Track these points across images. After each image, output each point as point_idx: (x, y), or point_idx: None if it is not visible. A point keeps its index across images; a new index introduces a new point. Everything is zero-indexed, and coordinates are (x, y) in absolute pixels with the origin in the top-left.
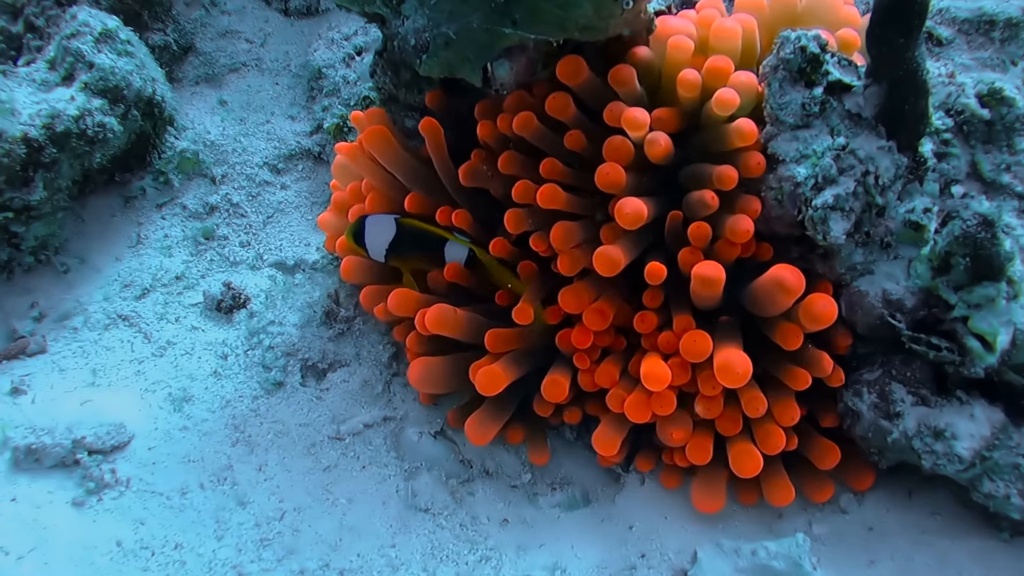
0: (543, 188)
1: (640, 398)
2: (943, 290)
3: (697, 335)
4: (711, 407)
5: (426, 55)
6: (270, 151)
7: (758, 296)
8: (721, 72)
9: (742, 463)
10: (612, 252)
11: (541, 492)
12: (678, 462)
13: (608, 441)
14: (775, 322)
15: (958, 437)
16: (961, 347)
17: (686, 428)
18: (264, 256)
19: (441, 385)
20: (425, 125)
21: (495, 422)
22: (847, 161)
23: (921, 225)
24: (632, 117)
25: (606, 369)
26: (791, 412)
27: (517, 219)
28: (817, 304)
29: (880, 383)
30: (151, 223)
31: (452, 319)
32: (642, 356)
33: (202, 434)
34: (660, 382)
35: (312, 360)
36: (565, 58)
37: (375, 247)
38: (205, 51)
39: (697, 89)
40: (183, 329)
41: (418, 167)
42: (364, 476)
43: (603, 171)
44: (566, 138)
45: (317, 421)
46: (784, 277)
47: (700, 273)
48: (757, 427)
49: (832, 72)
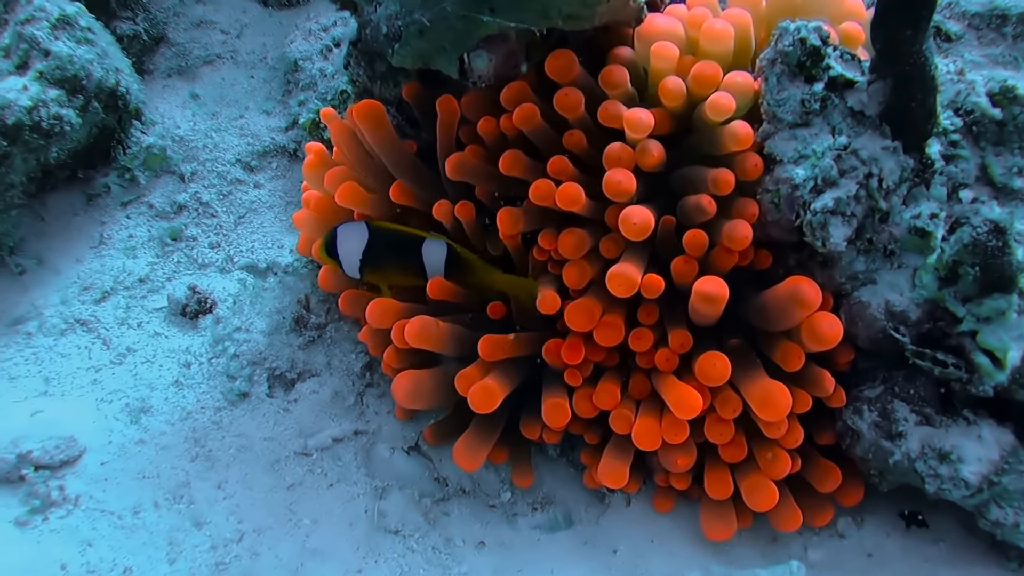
0: (564, 188)
1: (650, 425)
2: (950, 302)
3: (715, 357)
4: (724, 432)
5: (398, 44)
6: (243, 147)
7: (769, 309)
8: (708, 80)
9: (758, 497)
10: (628, 271)
11: (521, 512)
12: (674, 484)
13: (618, 472)
14: (775, 340)
15: (964, 460)
16: (969, 363)
17: (691, 454)
18: (235, 258)
19: (429, 400)
20: (443, 102)
21: (484, 444)
22: (849, 162)
23: (927, 232)
24: (635, 119)
25: (606, 388)
26: (795, 435)
27: (512, 219)
28: (822, 324)
29: (882, 401)
30: (115, 222)
31: (435, 332)
32: (642, 376)
33: (159, 448)
34: (692, 409)
35: (280, 369)
36: (555, 52)
37: (349, 260)
38: (178, 42)
39: (681, 98)
40: (145, 335)
41: (408, 154)
42: (331, 495)
43: (613, 178)
44: (566, 138)
45: (283, 435)
46: (803, 290)
47: (702, 290)
48: (761, 451)
49: (834, 67)
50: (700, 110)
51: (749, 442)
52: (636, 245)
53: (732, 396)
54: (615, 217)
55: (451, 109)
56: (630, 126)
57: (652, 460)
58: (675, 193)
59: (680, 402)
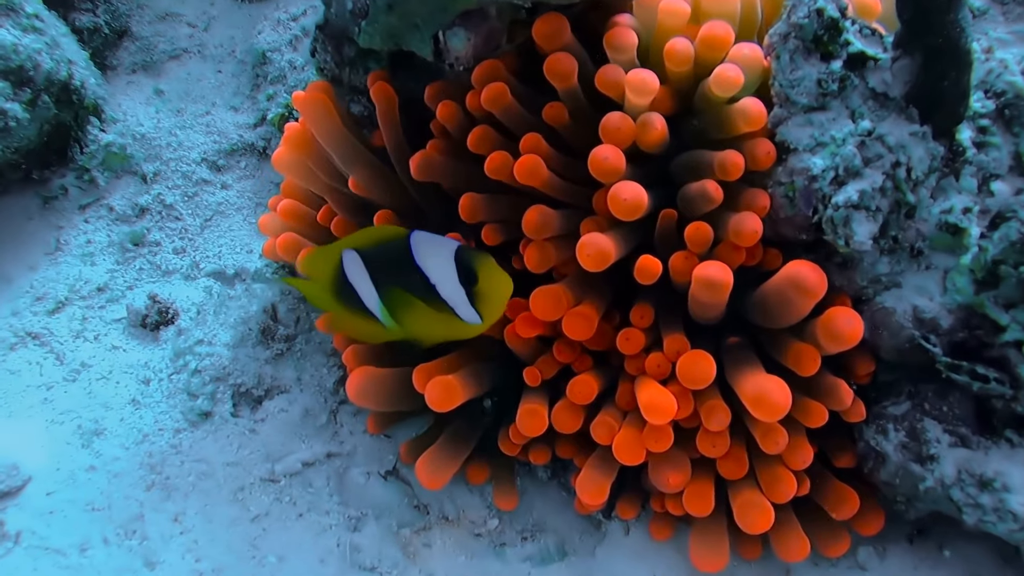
0: (523, 159)
1: (632, 436)
2: (990, 308)
3: (697, 355)
4: (717, 443)
5: (365, 22)
6: (209, 146)
7: (768, 301)
8: (719, 42)
9: (749, 517)
10: (600, 241)
11: (510, 542)
12: (671, 510)
13: (597, 487)
14: (786, 342)
15: (1011, 489)
16: (1014, 378)
17: (684, 471)
18: (201, 264)
19: (385, 400)
20: (377, 90)
21: (452, 459)
22: (874, 149)
23: (960, 228)
24: (639, 80)
25: (584, 382)
26: (803, 453)
27: (472, 206)
28: (839, 319)
29: (909, 419)
30: (72, 227)
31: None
32: (630, 384)
33: (112, 475)
34: (664, 413)
35: (246, 386)
36: (545, 15)
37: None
38: (142, 35)
39: (689, 62)
40: (102, 349)
41: (362, 149)
42: (300, 527)
43: (600, 154)
44: (546, 111)
45: (248, 459)
46: (803, 274)
47: (704, 275)
48: (763, 471)
49: (854, 42)
50: (704, 86)
51: (751, 458)
52: (622, 226)
53: (719, 405)
54: (603, 201)
55: (388, 96)
56: (632, 88)
57: (647, 482)
58: (676, 184)
59: (650, 404)
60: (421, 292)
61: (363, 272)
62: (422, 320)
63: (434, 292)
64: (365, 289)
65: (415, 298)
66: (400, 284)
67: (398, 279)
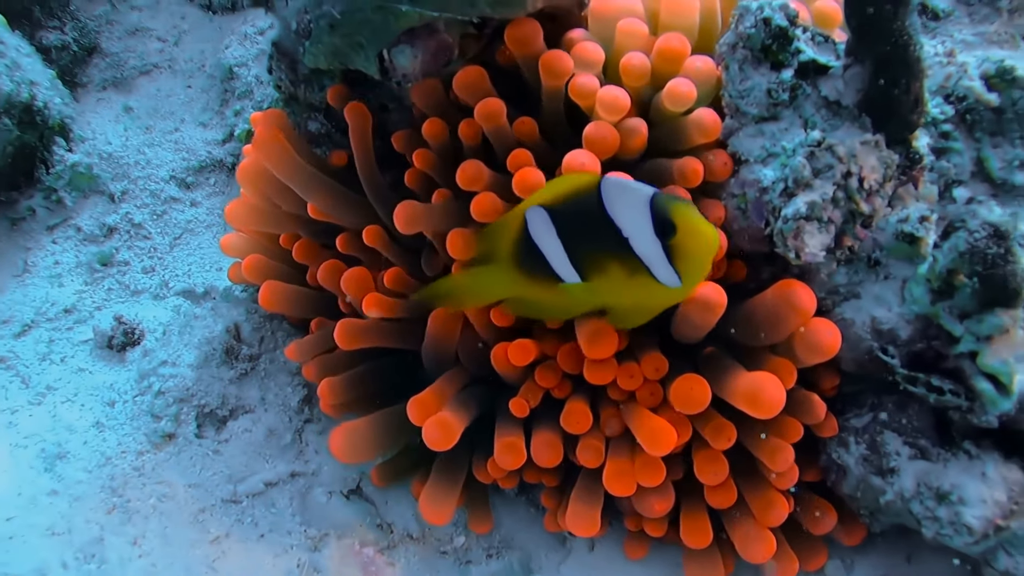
0: (464, 165)
1: (623, 467)
2: (945, 318)
3: (692, 380)
4: (718, 470)
5: (309, 42)
6: (178, 163)
7: (756, 318)
8: (675, 55)
9: (755, 549)
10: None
11: (475, 559)
12: (648, 531)
13: (589, 520)
14: (762, 356)
15: (967, 502)
16: (969, 389)
17: (669, 498)
18: (170, 283)
19: (371, 451)
20: (352, 109)
21: (451, 491)
22: (824, 160)
23: (917, 237)
24: (612, 97)
25: (576, 408)
26: (791, 473)
27: (408, 216)
28: (820, 331)
29: (870, 431)
30: (40, 248)
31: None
32: (613, 409)
33: (73, 499)
34: (666, 445)
35: (210, 406)
36: (516, 20)
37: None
38: (112, 52)
39: (646, 77)
40: (68, 371)
41: (319, 176)
42: (261, 548)
43: (575, 160)
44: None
45: (211, 480)
46: (797, 294)
47: (701, 297)
48: (754, 496)
49: (804, 50)
50: (658, 100)
51: (738, 483)
52: None
53: (724, 423)
54: None
55: (362, 114)
56: (604, 105)
57: (621, 501)
58: None
59: (653, 437)
60: (614, 248)
61: (550, 230)
62: (615, 285)
63: (628, 248)
64: (553, 249)
65: (609, 258)
66: (590, 241)
67: (588, 236)
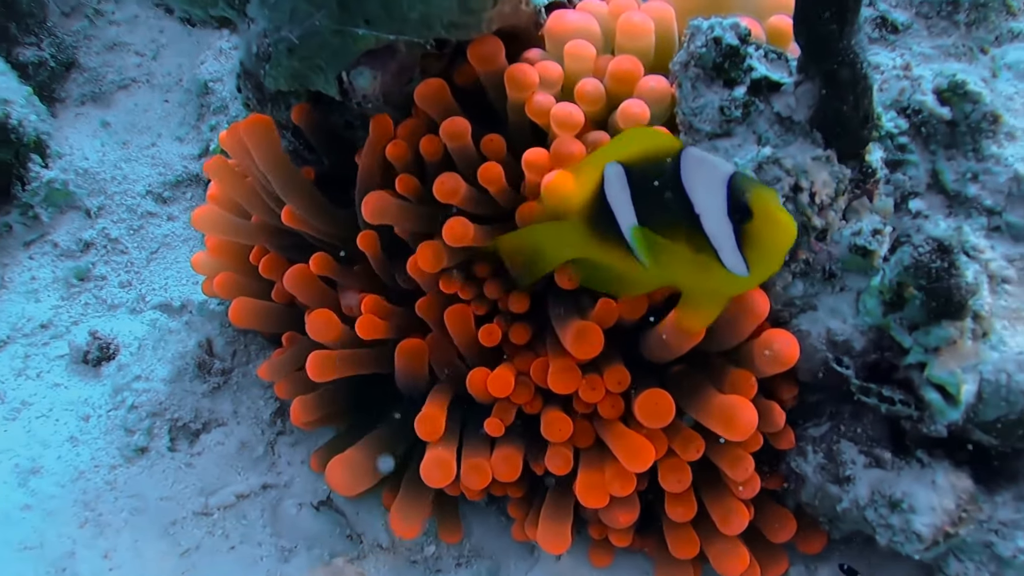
0: (441, 178)
1: (595, 479)
2: (896, 330)
3: (657, 395)
4: (681, 478)
5: (268, 65)
6: (155, 178)
7: (715, 324)
8: (628, 76)
9: (728, 564)
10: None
11: (445, 568)
12: (614, 541)
13: (560, 536)
14: (722, 369)
15: (916, 510)
16: (919, 399)
17: (634, 510)
18: (147, 297)
19: (371, 478)
20: (377, 121)
21: (421, 505)
22: (771, 172)
23: (869, 251)
24: (566, 113)
25: (555, 417)
26: (753, 482)
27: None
28: (779, 341)
29: (827, 440)
30: (17, 264)
31: None
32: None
33: (46, 514)
34: (645, 461)
35: (183, 420)
36: (480, 38)
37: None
38: (90, 67)
39: (601, 100)
40: (44, 386)
41: (302, 178)
42: (230, 560)
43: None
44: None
45: (182, 493)
46: (751, 297)
47: (685, 325)
48: (715, 504)
49: (757, 68)
50: (612, 120)
51: (699, 493)
52: None
53: (693, 435)
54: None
55: (385, 125)
56: (557, 121)
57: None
58: None
59: (632, 453)
60: (683, 223)
61: (624, 190)
62: (678, 260)
63: (697, 224)
64: (624, 212)
65: (677, 231)
66: (661, 209)
67: (660, 204)
